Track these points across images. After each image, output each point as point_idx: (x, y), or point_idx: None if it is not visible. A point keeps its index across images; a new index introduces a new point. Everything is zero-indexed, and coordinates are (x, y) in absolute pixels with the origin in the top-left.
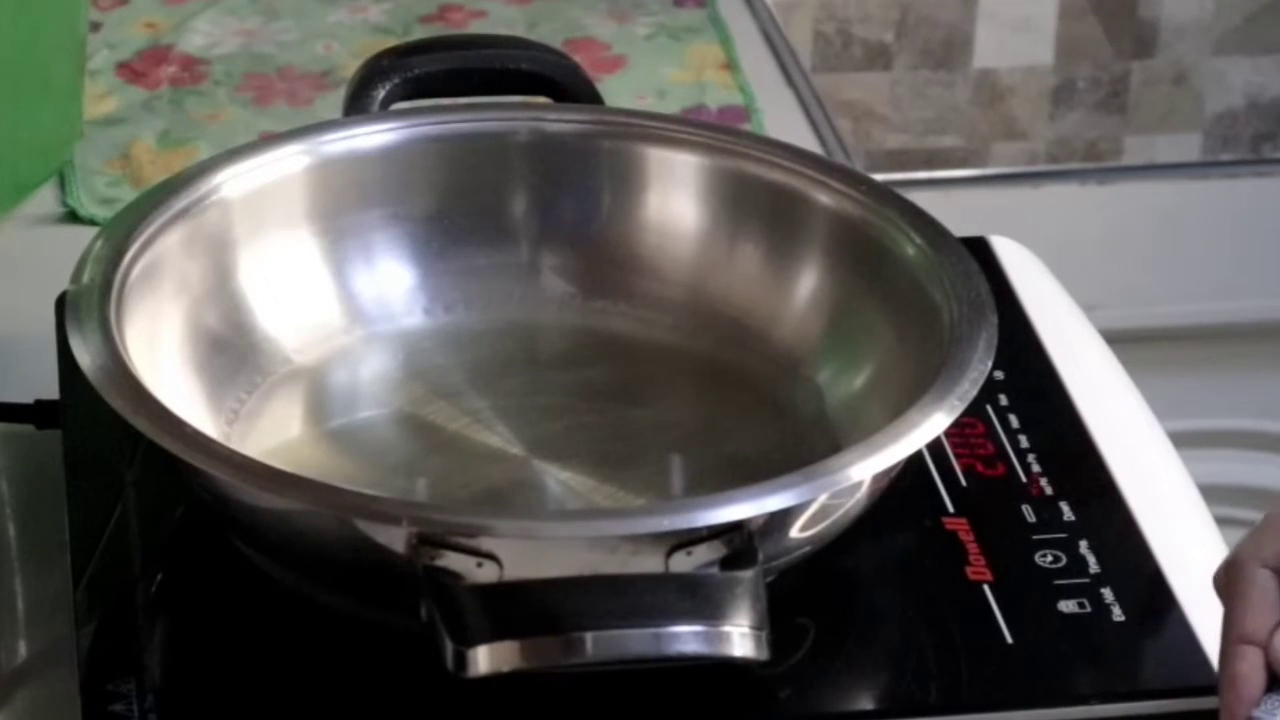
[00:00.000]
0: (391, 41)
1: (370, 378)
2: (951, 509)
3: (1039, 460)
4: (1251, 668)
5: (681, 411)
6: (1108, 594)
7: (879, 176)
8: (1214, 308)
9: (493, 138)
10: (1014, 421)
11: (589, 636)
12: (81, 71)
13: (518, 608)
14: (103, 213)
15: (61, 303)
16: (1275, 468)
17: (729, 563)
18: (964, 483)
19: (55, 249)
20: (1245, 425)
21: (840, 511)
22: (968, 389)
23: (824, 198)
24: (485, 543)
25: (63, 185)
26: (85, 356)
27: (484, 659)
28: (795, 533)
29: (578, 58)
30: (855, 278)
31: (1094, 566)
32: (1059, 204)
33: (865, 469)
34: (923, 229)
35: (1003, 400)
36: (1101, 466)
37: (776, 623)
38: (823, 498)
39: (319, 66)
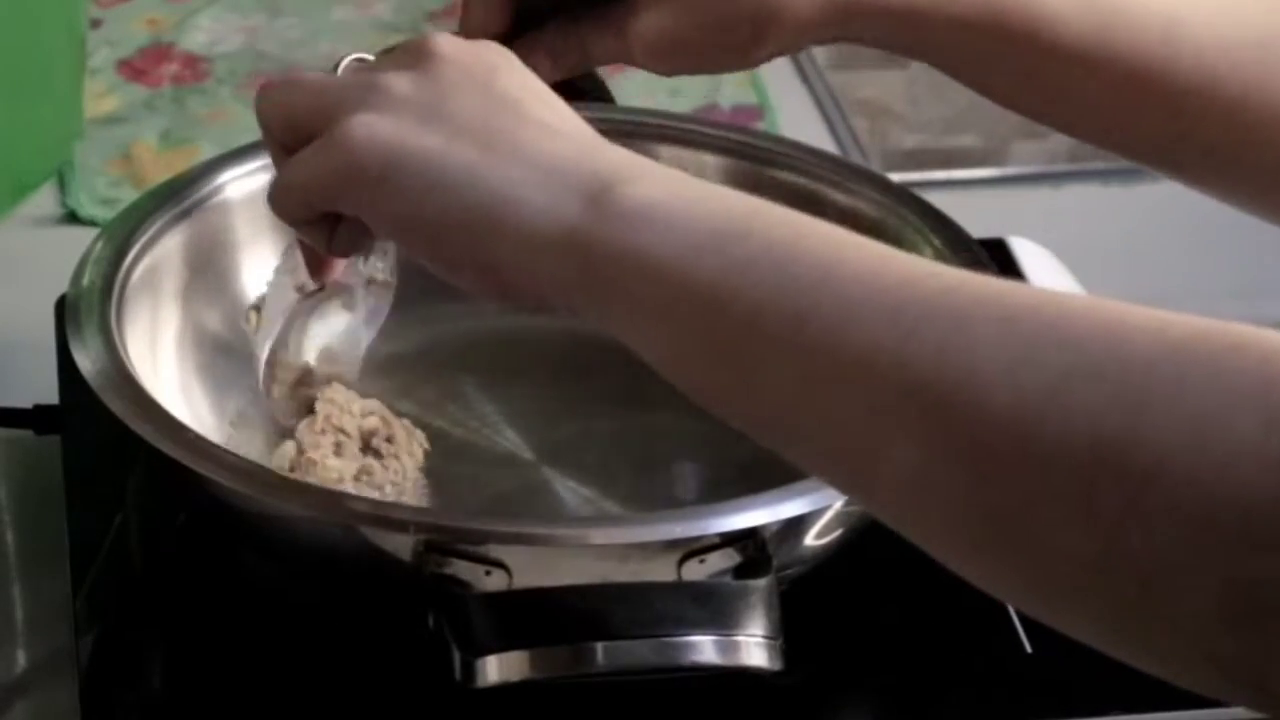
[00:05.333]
0: (398, 39)
1: (375, 382)
2: None
3: None
4: None
5: (694, 416)
6: None
7: (896, 176)
8: (1239, 310)
9: None
10: None
11: (599, 646)
12: (82, 70)
13: (527, 617)
14: (103, 213)
15: (61, 305)
16: None
17: (742, 571)
18: None
19: (55, 250)
20: None
21: (855, 519)
22: None
23: (840, 198)
24: (493, 550)
25: (63, 185)
26: (85, 360)
27: (493, 669)
28: (810, 540)
29: None
30: None
31: None
32: (1080, 205)
33: None
34: (941, 230)
35: None
36: None
37: (790, 632)
38: (837, 505)
39: (324, 64)
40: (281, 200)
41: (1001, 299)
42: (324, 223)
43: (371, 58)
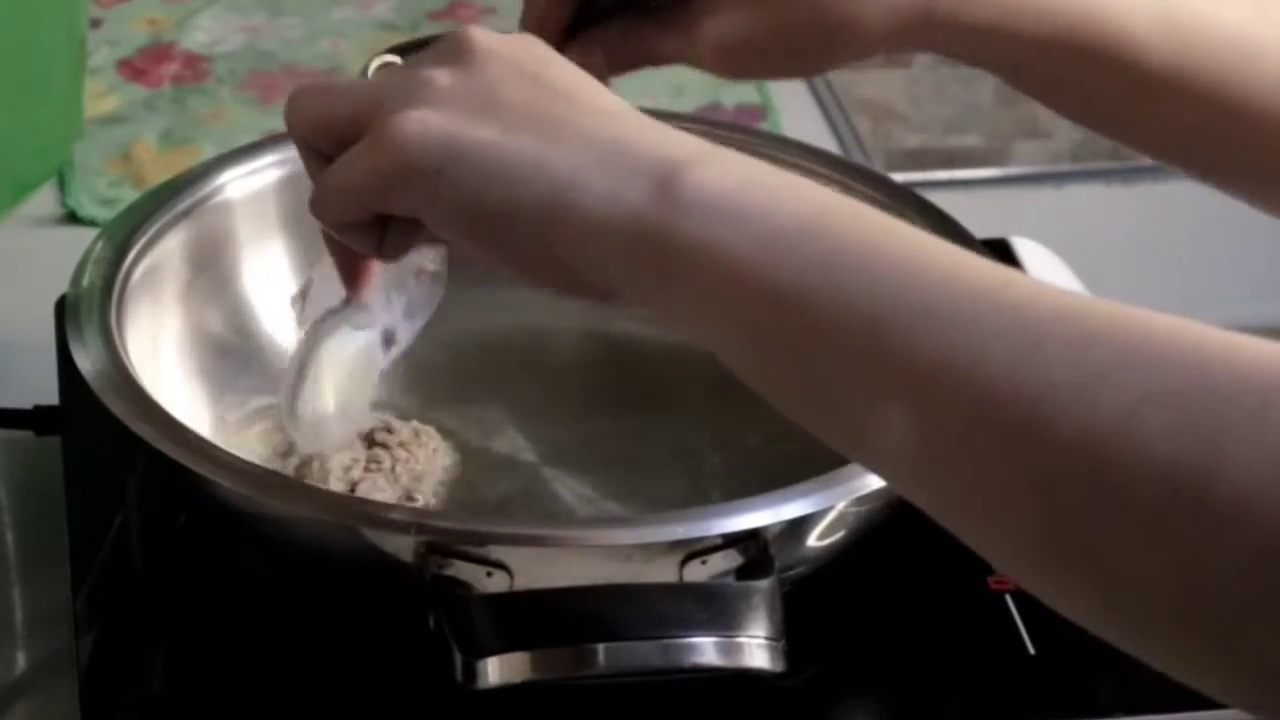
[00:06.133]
0: (399, 37)
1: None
2: None
3: None
4: None
5: (696, 417)
6: None
7: (898, 176)
8: (1244, 311)
9: None
10: None
11: (601, 648)
12: (82, 70)
13: (528, 618)
14: (103, 213)
15: (61, 306)
16: None
17: (744, 572)
18: None
19: (55, 250)
20: None
21: (858, 520)
22: None
23: None
24: (494, 551)
25: (63, 185)
26: (85, 361)
27: (494, 671)
28: (812, 541)
29: None
30: None
31: None
32: (1083, 204)
33: None
34: (944, 230)
35: None
36: None
37: (793, 633)
38: (840, 506)
39: (325, 64)
40: (329, 204)
41: (1080, 316)
42: (372, 225)
43: (398, 60)
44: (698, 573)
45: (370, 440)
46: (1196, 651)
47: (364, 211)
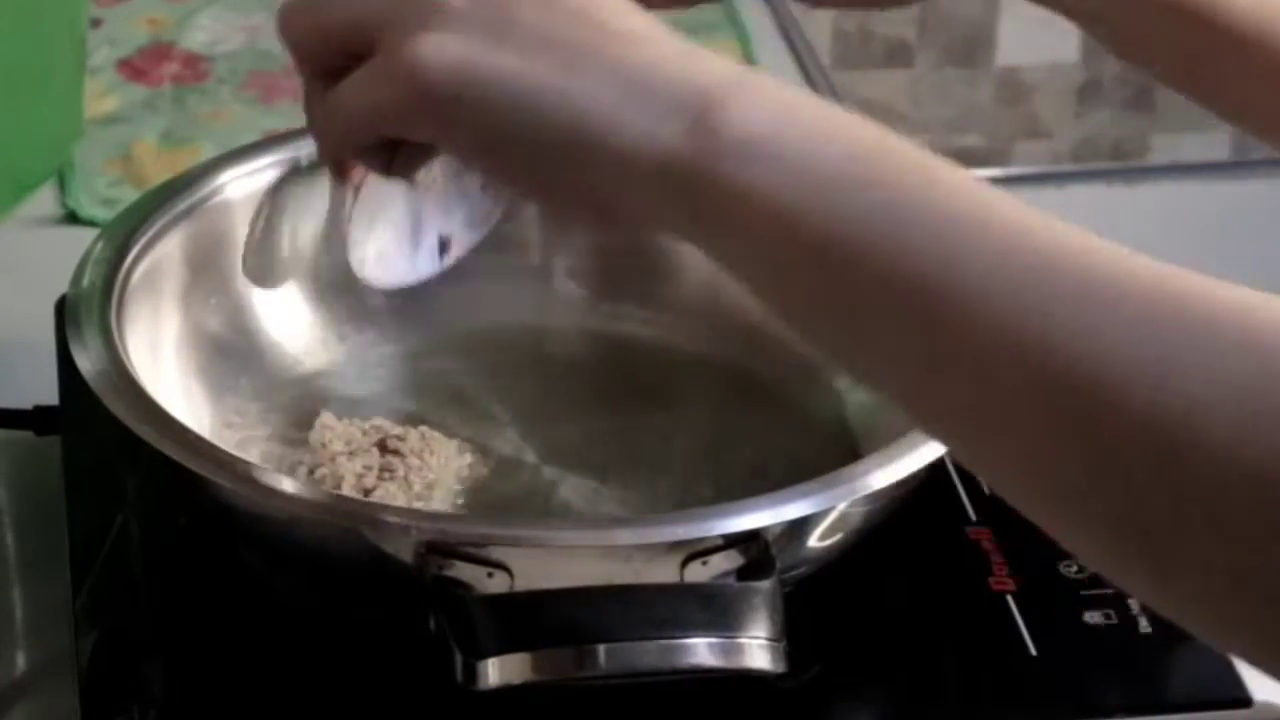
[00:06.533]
0: None
1: (377, 382)
2: (974, 517)
3: None
4: None
5: (697, 418)
6: (1134, 605)
7: None
8: None
9: None
10: None
11: (602, 649)
12: (82, 69)
13: (529, 619)
14: (103, 214)
15: (61, 306)
16: None
17: (745, 573)
18: (987, 491)
19: (55, 251)
20: None
21: (859, 520)
22: None
23: None
24: (495, 552)
25: (63, 185)
26: (85, 361)
27: (494, 671)
28: (813, 542)
29: None
30: None
31: None
32: (1084, 205)
33: (885, 477)
34: None
35: None
36: None
37: (794, 634)
38: (841, 506)
39: None
40: (337, 128)
41: (1148, 288)
42: (382, 146)
43: None
44: (699, 573)
45: (384, 448)
46: (1266, 634)
47: (375, 136)
